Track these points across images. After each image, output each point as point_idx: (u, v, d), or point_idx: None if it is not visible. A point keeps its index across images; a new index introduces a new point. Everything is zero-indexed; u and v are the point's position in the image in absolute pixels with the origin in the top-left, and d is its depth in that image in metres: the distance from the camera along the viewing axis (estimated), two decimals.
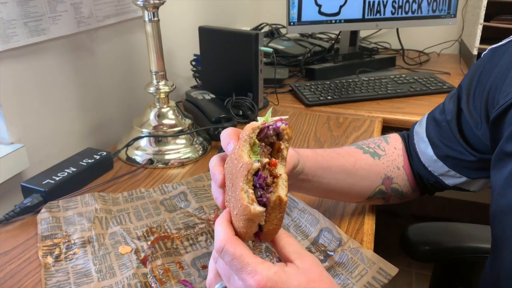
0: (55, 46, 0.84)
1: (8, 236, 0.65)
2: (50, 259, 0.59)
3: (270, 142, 0.45)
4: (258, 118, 0.46)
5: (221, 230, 0.42)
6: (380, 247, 0.72)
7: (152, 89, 0.87)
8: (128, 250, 0.61)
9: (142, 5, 0.79)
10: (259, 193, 0.42)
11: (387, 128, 1.09)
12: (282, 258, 0.43)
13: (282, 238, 0.44)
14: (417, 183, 0.68)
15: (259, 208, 0.40)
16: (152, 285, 0.55)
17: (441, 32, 1.73)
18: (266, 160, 0.43)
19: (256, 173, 0.42)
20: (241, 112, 1.09)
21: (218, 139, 0.92)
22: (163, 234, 0.65)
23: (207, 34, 1.15)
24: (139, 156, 0.86)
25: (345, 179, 0.63)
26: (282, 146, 0.46)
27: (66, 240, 0.62)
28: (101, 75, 0.97)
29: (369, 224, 0.67)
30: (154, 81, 0.86)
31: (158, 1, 0.80)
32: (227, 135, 0.47)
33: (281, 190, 0.43)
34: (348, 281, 0.53)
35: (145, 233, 0.65)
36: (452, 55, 1.71)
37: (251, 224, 0.41)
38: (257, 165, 0.42)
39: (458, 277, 0.79)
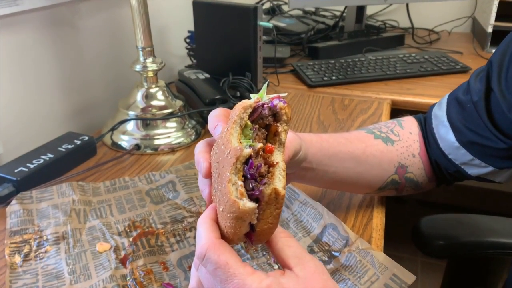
0: (30, 19, 0.75)
1: None
2: (17, 258, 0.52)
3: (265, 124, 0.38)
4: (251, 95, 0.38)
5: (203, 231, 0.35)
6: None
7: (138, 67, 0.78)
8: (106, 247, 0.54)
9: None
10: (250, 185, 0.34)
11: (396, 110, 1.01)
12: (280, 263, 0.36)
13: (279, 239, 0.36)
14: (434, 173, 0.60)
15: (249, 204, 0.33)
16: None
17: (452, 8, 1.63)
18: (259, 145, 0.36)
19: (247, 161, 0.35)
20: (238, 93, 1.01)
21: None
22: (147, 229, 0.58)
23: (201, 9, 1.06)
24: (125, 141, 0.78)
25: (354, 167, 0.56)
26: (280, 129, 0.38)
27: (38, 236, 0.55)
28: (85, 53, 0.89)
29: (378, 218, 0.60)
30: (141, 58, 0.78)
31: None
32: (215, 117, 0.39)
33: (278, 181, 0.35)
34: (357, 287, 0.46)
35: (127, 228, 0.58)
36: (464, 34, 1.61)
37: (240, 223, 0.34)
38: (248, 151, 0.34)
39: (475, 276, 0.72)
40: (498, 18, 1.32)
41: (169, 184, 0.66)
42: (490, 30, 1.33)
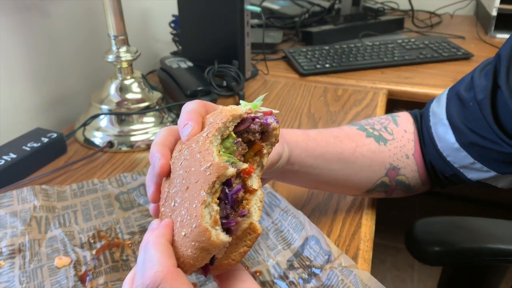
0: None
1: None
2: None
3: (248, 139, 0.32)
4: (242, 102, 0.33)
5: (158, 256, 0.28)
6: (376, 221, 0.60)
7: (111, 57, 0.72)
8: (66, 262, 0.49)
9: None
10: (225, 212, 0.29)
11: (393, 101, 0.95)
12: None
13: (231, 272, 0.31)
14: (429, 175, 0.55)
15: (223, 237, 0.28)
16: None
17: None
18: (244, 165, 0.30)
19: (227, 182, 0.29)
20: (224, 83, 0.94)
21: None
22: (112, 241, 0.52)
23: None
24: (98, 137, 0.73)
25: (342, 169, 0.50)
26: (265, 151, 0.33)
27: None
28: (57, 41, 0.83)
29: (367, 226, 0.55)
30: (114, 48, 0.72)
31: None
32: (188, 112, 0.33)
33: (255, 214, 0.30)
34: None
35: (90, 239, 0.53)
36: (467, 17, 1.53)
37: (204, 255, 0.29)
38: (232, 170, 0.29)
39: (473, 284, 0.67)
40: (504, 0, 1.24)
41: (141, 187, 0.61)
42: (494, 13, 1.25)
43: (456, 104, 0.50)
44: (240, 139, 0.31)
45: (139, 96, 0.75)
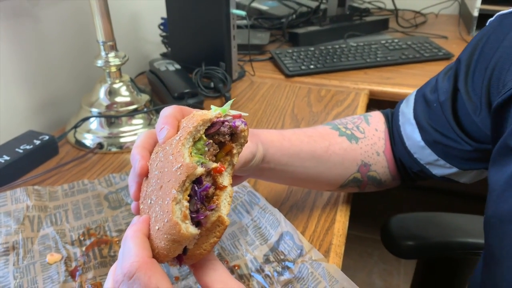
0: None
1: None
2: None
3: (219, 141, 0.36)
4: (213, 107, 0.36)
5: (134, 248, 0.32)
6: (354, 211, 0.64)
7: (100, 62, 0.75)
8: (57, 258, 0.52)
9: None
10: (195, 207, 0.32)
11: (374, 101, 0.98)
12: (202, 286, 0.34)
13: (204, 261, 0.34)
14: (399, 171, 0.59)
15: (192, 229, 0.31)
16: None
17: None
18: (214, 165, 0.33)
19: (197, 180, 0.32)
20: (212, 85, 0.98)
21: None
22: (101, 238, 0.56)
23: None
24: (89, 139, 0.76)
25: (315, 166, 0.54)
26: (234, 151, 0.36)
27: None
28: (48, 45, 0.85)
29: (341, 223, 0.58)
30: (102, 53, 0.75)
31: None
32: (165, 116, 0.37)
33: (224, 208, 0.33)
34: None
35: (81, 236, 0.56)
36: (452, 16, 1.57)
37: (176, 246, 0.32)
38: (201, 170, 0.32)
39: (445, 276, 0.71)
40: (485, 0, 1.28)
41: None
42: (476, 14, 1.29)
43: (422, 105, 0.53)
44: (211, 141, 0.34)
45: (127, 99, 0.78)
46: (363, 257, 1.62)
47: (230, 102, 0.37)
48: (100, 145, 0.74)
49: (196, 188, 0.32)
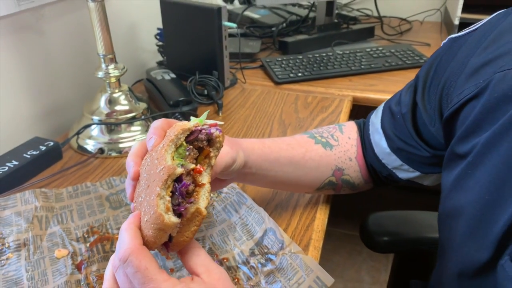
0: None
1: None
2: None
3: (198, 146, 0.42)
4: (192, 118, 0.43)
5: (127, 237, 0.38)
6: (335, 208, 0.70)
7: (101, 74, 0.81)
8: (64, 253, 0.58)
9: None
10: (177, 201, 0.39)
11: (358, 107, 1.05)
12: (188, 271, 0.40)
13: (189, 249, 0.41)
14: (370, 175, 0.65)
15: (173, 219, 0.37)
16: None
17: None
18: (191, 165, 0.40)
19: (178, 179, 0.39)
20: (205, 92, 1.04)
21: None
22: (103, 235, 0.62)
23: (169, 8, 1.08)
24: (91, 145, 0.82)
25: (294, 171, 0.60)
26: (212, 154, 0.42)
27: (0, 244, 0.60)
28: (51, 55, 0.91)
29: (320, 220, 0.65)
30: (103, 65, 0.81)
31: None
32: (153, 128, 0.43)
33: (202, 201, 0.40)
34: None
35: (85, 234, 0.62)
36: (436, 23, 1.64)
37: (161, 234, 0.38)
38: (180, 170, 0.38)
39: (416, 268, 0.77)
40: (468, 8, 1.34)
41: None
42: (456, 22, 1.36)
43: (388, 116, 0.60)
44: (191, 147, 0.41)
45: (126, 107, 0.84)
46: (352, 255, 1.69)
47: (206, 113, 0.44)
48: (101, 150, 0.80)
49: (176, 185, 0.38)
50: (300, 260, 0.53)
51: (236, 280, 0.54)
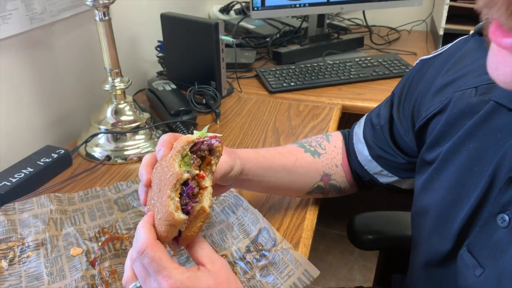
0: (8, 45, 0.84)
1: None
2: (4, 263, 0.62)
3: (201, 156, 0.49)
4: (195, 132, 0.49)
5: (143, 232, 0.44)
6: (329, 211, 0.76)
7: (107, 87, 0.88)
8: (79, 251, 0.65)
9: (91, 5, 0.79)
10: (184, 201, 0.45)
11: (347, 115, 1.12)
12: (195, 261, 0.47)
13: (195, 243, 0.47)
14: (355, 179, 0.72)
15: (182, 216, 0.44)
16: (98, 287, 0.59)
17: (413, 9, 1.72)
18: (196, 171, 0.47)
19: (185, 183, 0.45)
20: (204, 101, 1.10)
21: (178, 132, 0.95)
22: (113, 235, 0.68)
23: (169, 22, 1.14)
24: (98, 152, 0.88)
25: (285, 177, 0.67)
26: (213, 162, 0.49)
27: (21, 243, 0.66)
28: (60, 68, 0.98)
29: (309, 220, 0.72)
30: (109, 79, 0.88)
31: (107, 1, 0.80)
32: (161, 141, 0.50)
33: (206, 201, 0.47)
34: (277, 281, 0.57)
35: (97, 234, 0.69)
36: (423, 32, 1.71)
37: (172, 229, 0.45)
38: (186, 175, 0.45)
39: (398, 264, 0.84)
40: (451, 19, 1.42)
41: (135, 193, 0.77)
42: (441, 32, 1.43)
43: (369, 127, 0.67)
44: (195, 156, 0.48)
45: (131, 117, 0.90)
46: (345, 255, 1.76)
47: (207, 127, 0.51)
48: (108, 157, 0.87)
49: (184, 188, 0.45)
50: (290, 256, 0.60)
51: (234, 273, 0.61)
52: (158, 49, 1.26)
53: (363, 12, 1.53)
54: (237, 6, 1.73)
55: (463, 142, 0.47)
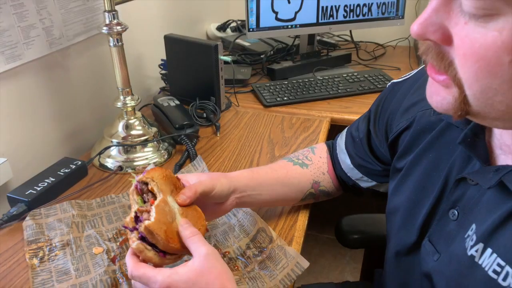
0: (30, 68, 0.94)
1: None
2: (35, 261, 0.72)
3: (147, 190, 0.59)
4: (132, 180, 0.61)
5: (128, 261, 0.55)
6: (323, 216, 0.86)
7: (119, 104, 0.98)
8: (100, 250, 0.74)
9: (106, 33, 0.90)
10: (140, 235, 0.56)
11: (336, 126, 1.22)
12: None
13: (185, 239, 0.54)
14: (340, 184, 0.82)
15: (133, 244, 0.55)
16: (120, 280, 0.68)
17: (397, 27, 1.84)
18: (135, 208, 0.58)
19: (137, 218, 0.56)
20: (204, 115, 1.21)
21: (182, 144, 1.05)
22: None
23: (172, 42, 1.25)
24: (110, 163, 0.98)
25: (281, 188, 0.77)
26: (150, 187, 0.59)
27: (48, 244, 0.75)
28: (74, 87, 1.08)
29: (301, 221, 0.82)
30: (121, 97, 0.98)
31: (121, 29, 0.90)
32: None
33: (148, 219, 0.55)
34: (274, 272, 0.67)
35: (115, 235, 0.78)
36: (406, 48, 1.83)
37: (149, 256, 0.55)
38: (127, 219, 0.57)
39: (380, 260, 0.94)
40: None
41: None
42: None
43: (350, 139, 0.78)
44: (144, 194, 0.59)
45: (140, 131, 1.00)
46: (337, 258, 1.86)
47: (135, 179, 0.60)
48: (120, 168, 0.97)
49: (136, 226, 0.56)
50: (284, 251, 0.70)
51: (236, 267, 0.70)
52: (161, 66, 1.36)
53: (350, 31, 1.65)
54: (233, 24, 1.84)
55: (424, 153, 0.57)
